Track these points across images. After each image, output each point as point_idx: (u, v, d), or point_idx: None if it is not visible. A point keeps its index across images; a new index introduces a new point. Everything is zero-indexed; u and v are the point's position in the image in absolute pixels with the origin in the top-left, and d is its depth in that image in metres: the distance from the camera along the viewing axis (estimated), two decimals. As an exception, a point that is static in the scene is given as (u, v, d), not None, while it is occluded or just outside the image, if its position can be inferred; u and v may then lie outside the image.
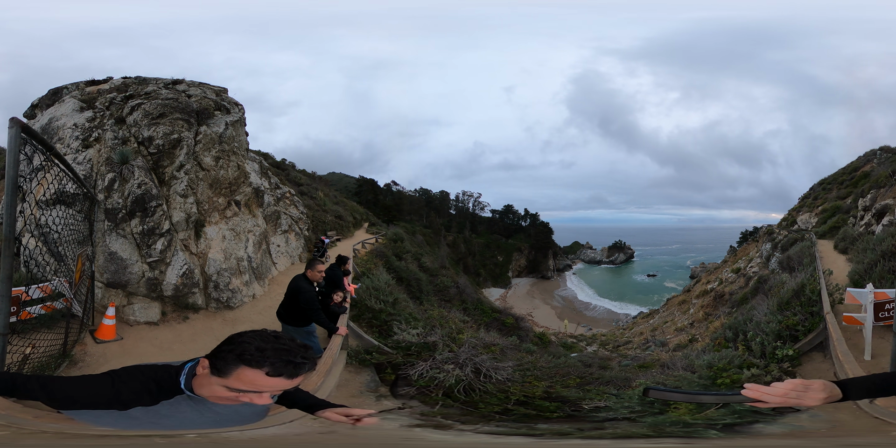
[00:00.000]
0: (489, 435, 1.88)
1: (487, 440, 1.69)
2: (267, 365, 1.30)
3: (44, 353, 4.82)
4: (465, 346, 6.81)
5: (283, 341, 1.36)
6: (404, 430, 1.88)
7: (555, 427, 2.74)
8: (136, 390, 1.37)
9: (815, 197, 29.56)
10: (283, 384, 1.34)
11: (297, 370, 1.34)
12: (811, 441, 1.47)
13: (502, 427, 2.60)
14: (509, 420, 4.27)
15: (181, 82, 10.54)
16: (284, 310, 6.00)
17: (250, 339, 1.35)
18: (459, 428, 2.08)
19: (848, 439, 1.49)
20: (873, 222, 15.31)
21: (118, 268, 7.01)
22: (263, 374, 1.30)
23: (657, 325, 28.57)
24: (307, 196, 25.35)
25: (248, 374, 1.31)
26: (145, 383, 1.39)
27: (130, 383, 1.38)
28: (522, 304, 58.74)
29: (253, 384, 1.32)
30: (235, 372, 1.32)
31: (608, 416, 4.90)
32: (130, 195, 7.22)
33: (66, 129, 8.37)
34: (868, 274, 8.51)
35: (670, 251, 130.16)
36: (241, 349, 1.32)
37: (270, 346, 1.33)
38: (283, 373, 1.32)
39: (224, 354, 1.34)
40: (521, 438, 1.76)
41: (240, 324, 7.79)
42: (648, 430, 2.97)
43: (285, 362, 1.32)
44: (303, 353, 1.36)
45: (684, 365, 7.09)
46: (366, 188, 77.67)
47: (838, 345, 5.47)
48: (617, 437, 1.47)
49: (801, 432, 1.50)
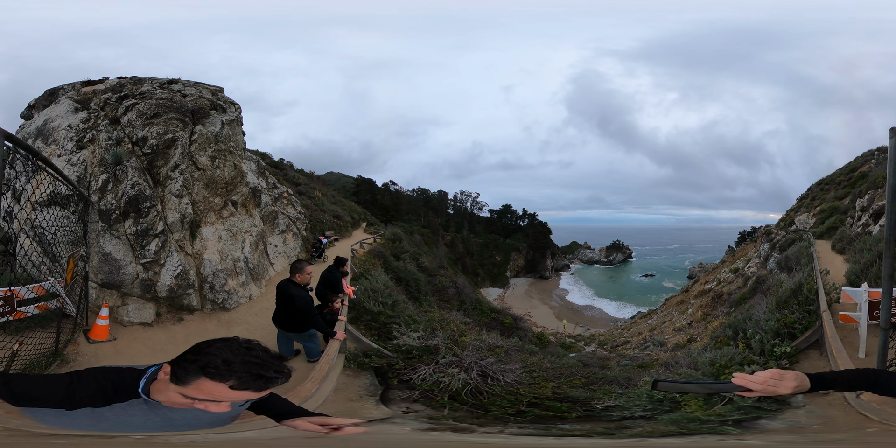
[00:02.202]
0: (516, 436, 1.85)
1: (523, 442, 1.67)
2: (233, 379, 1.25)
3: (34, 351, 4.81)
4: (468, 349, 6.76)
5: (255, 353, 1.30)
6: (421, 434, 1.84)
7: (576, 427, 2.73)
8: (91, 392, 1.35)
9: (812, 197, 29.61)
10: (248, 396, 1.30)
11: (268, 384, 1.29)
12: (802, 437, 1.51)
13: (525, 428, 2.58)
14: (525, 422, 4.25)
15: (177, 82, 10.50)
16: (280, 317, 5.96)
17: (217, 350, 1.29)
18: (483, 430, 2.05)
19: (828, 435, 1.54)
20: (871, 223, 15.33)
21: (112, 268, 6.97)
22: (226, 387, 1.25)
23: (655, 325, 28.59)
24: (305, 196, 25.31)
25: (209, 386, 1.26)
26: (102, 385, 1.36)
27: (87, 384, 1.36)
28: (520, 303, 58.73)
29: (213, 395, 1.28)
30: (196, 382, 1.27)
31: (624, 415, 4.92)
32: (124, 196, 7.18)
33: (61, 130, 8.33)
34: (864, 274, 8.52)
35: (669, 251, 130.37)
36: (206, 361, 1.27)
37: (240, 359, 1.27)
38: (250, 387, 1.27)
39: (186, 364, 1.29)
40: (552, 439, 1.73)
41: (235, 325, 7.75)
42: (673, 428, 2.95)
43: (255, 376, 1.27)
44: (275, 367, 1.31)
45: (687, 363, 7.13)
46: (364, 188, 77.65)
47: (833, 342, 5.55)
48: (642, 435, 1.47)
49: (798, 428, 1.54)
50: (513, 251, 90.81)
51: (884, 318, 3.68)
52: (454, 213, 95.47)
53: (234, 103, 10.62)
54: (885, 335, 3.75)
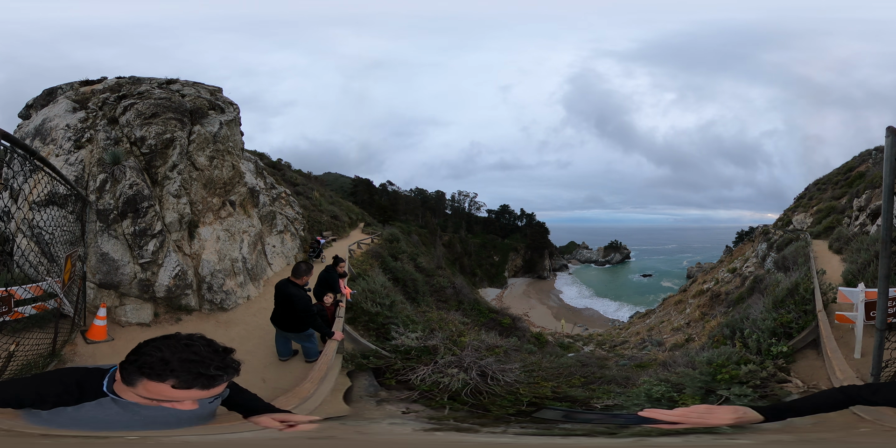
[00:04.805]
0: (522, 436, 1.84)
1: (530, 441, 1.66)
2: (171, 378, 1.22)
3: (31, 352, 4.79)
4: (467, 349, 6.77)
5: (195, 349, 1.27)
6: (425, 434, 1.83)
7: (577, 427, 2.73)
8: (59, 392, 1.35)
9: (810, 197, 29.72)
10: (199, 395, 1.26)
11: (212, 382, 1.25)
12: (793, 436, 1.51)
13: (527, 428, 2.58)
14: (527, 421, 4.24)
15: (175, 82, 10.48)
16: (279, 317, 5.97)
17: (154, 348, 1.26)
18: (487, 430, 2.04)
19: (816, 435, 1.54)
20: (868, 222, 15.39)
21: (110, 269, 6.95)
22: (168, 386, 1.22)
23: (654, 324, 28.66)
24: (303, 196, 25.30)
25: (153, 387, 1.24)
26: (67, 385, 1.36)
27: (53, 385, 1.37)
28: (519, 304, 58.77)
29: (160, 395, 1.25)
30: (140, 383, 1.25)
31: (621, 414, 4.93)
32: (122, 196, 7.16)
33: (59, 130, 8.30)
34: (861, 274, 8.54)
35: (667, 251, 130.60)
36: (142, 361, 1.24)
37: (177, 356, 1.23)
38: (193, 385, 1.23)
39: (127, 365, 1.27)
40: (559, 439, 1.73)
41: (233, 326, 7.74)
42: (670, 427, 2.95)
43: (195, 375, 1.23)
44: (218, 363, 1.26)
45: (685, 362, 7.15)
46: (361, 188, 77.61)
47: (827, 342, 5.58)
48: (640, 435, 1.48)
49: (791, 428, 1.54)
50: (511, 251, 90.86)
51: (879, 319, 3.67)
52: (452, 214, 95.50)
53: (232, 103, 10.60)
54: (881, 336, 3.75)
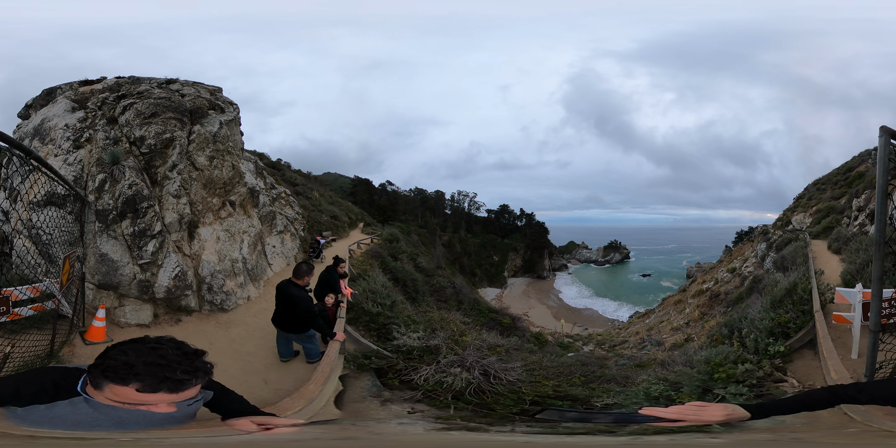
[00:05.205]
0: (531, 435, 1.85)
1: (537, 440, 1.66)
2: (135, 381, 1.20)
3: (28, 352, 4.79)
4: (469, 348, 6.78)
5: (162, 352, 1.25)
6: (439, 434, 1.82)
7: (579, 426, 2.73)
8: (35, 390, 1.36)
9: (809, 197, 29.75)
10: (168, 398, 1.24)
11: (180, 386, 1.23)
12: (773, 435, 1.52)
13: (533, 427, 2.59)
14: (530, 420, 4.24)
15: (175, 82, 10.46)
16: (280, 317, 5.96)
17: (119, 352, 1.25)
18: (496, 429, 2.05)
19: (799, 434, 1.54)
20: (867, 223, 15.40)
21: (109, 269, 6.94)
22: (133, 390, 1.21)
23: (653, 324, 28.67)
24: (302, 196, 25.29)
25: (118, 390, 1.22)
26: (43, 384, 1.37)
27: (31, 383, 1.38)
28: (518, 303, 58.79)
29: (130, 398, 1.23)
30: (107, 386, 1.24)
31: (622, 413, 4.93)
32: (121, 196, 7.15)
33: (58, 130, 8.29)
34: (860, 274, 8.55)
35: (666, 251, 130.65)
36: (106, 365, 1.23)
37: (142, 360, 1.22)
38: (159, 389, 1.21)
39: (93, 369, 1.26)
40: (566, 437, 1.73)
41: (234, 327, 7.73)
42: None
43: (160, 379, 1.21)
44: (185, 367, 1.24)
45: (683, 361, 7.18)
46: (361, 188, 77.59)
47: (824, 342, 5.57)
48: (637, 433, 1.48)
49: (780, 427, 1.54)
50: (510, 251, 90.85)
51: (873, 320, 3.66)
52: (452, 214, 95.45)
53: (232, 103, 10.59)
54: (875, 338, 3.74)
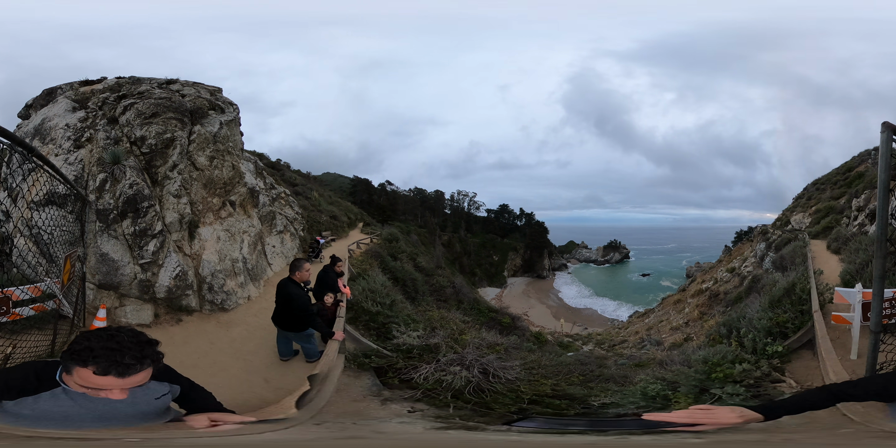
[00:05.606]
0: (528, 434, 1.86)
1: (533, 439, 1.68)
2: (92, 363, 1.36)
3: (29, 353, 4.79)
4: (469, 347, 6.79)
5: (118, 339, 1.40)
6: (439, 433, 1.83)
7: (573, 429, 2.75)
8: (20, 382, 1.46)
9: (808, 197, 29.76)
10: (117, 383, 1.38)
11: (126, 370, 1.37)
12: (762, 435, 1.53)
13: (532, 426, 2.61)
14: (508, 429, 4.25)
15: (175, 82, 10.47)
16: (279, 316, 5.97)
17: (84, 338, 1.40)
18: (493, 428, 2.06)
19: (792, 435, 1.55)
20: (867, 223, 15.42)
21: (110, 269, 6.95)
22: (91, 372, 1.36)
23: (652, 324, 28.69)
24: (302, 196, 25.30)
25: (82, 373, 1.37)
26: (27, 375, 1.48)
27: (16, 376, 1.49)
28: (518, 303, 58.80)
29: (87, 382, 1.38)
30: (75, 370, 1.38)
31: (618, 412, 4.93)
32: (122, 196, 7.16)
33: (59, 130, 8.30)
34: (859, 274, 8.56)
35: (666, 251, 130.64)
36: (72, 348, 1.39)
37: (101, 345, 1.37)
38: (109, 372, 1.36)
39: (64, 354, 1.41)
40: (572, 436, 1.75)
41: (234, 326, 7.73)
42: None
43: (112, 362, 1.36)
44: (134, 353, 1.39)
45: (681, 360, 7.19)
46: (360, 188, 77.54)
47: (822, 343, 5.54)
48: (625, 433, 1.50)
49: (773, 427, 1.55)
50: (510, 251, 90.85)
51: (874, 320, 3.65)
52: (451, 213, 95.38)
53: (232, 103, 10.60)
54: (876, 338, 3.72)
